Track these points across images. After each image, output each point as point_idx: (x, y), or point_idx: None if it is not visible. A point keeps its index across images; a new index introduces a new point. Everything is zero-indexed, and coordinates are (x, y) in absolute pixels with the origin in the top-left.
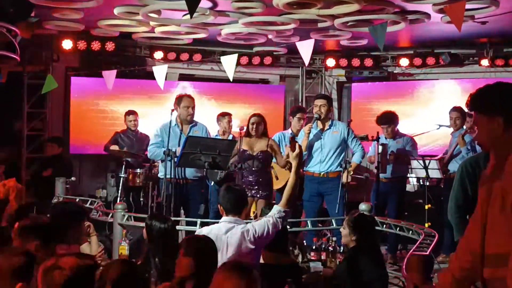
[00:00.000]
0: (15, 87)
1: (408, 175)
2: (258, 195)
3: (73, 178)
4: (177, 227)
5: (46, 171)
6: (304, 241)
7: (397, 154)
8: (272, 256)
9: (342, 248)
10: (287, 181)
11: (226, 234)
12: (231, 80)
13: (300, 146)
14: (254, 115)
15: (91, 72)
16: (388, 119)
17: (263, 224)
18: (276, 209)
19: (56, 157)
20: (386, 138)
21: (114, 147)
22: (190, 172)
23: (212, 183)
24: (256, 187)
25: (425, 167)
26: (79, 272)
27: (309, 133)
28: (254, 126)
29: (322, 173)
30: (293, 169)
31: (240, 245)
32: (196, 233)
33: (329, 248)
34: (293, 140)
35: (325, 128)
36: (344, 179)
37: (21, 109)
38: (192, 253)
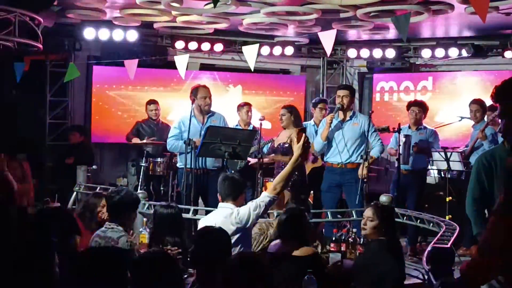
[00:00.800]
0: (37, 76)
1: (429, 167)
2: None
3: (94, 166)
4: (197, 217)
5: (68, 159)
6: (323, 231)
7: (421, 146)
8: (292, 245)
9: (362, 239)
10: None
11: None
12: (252, 70)
13: (306, 138)
14: (282, 106)
15: (112, 61)
16: (422, 103)
17: (246, 208)
18: (263, 195)
19: (78, 145)
20: (409, 127)
21: (136, 140)
22: (210, 162)
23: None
24: None
25: (447, 159)
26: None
27: (331, 122)
28: (280, 117)
29: (341, 164)
30: (292, 159)
31: (224, 225)
32: (201, 220)
33: (349, 239)
34: (300, 132)
35: (346, 119)
36: (360, 171)
37: (43, 97)
38: (202, 244)
